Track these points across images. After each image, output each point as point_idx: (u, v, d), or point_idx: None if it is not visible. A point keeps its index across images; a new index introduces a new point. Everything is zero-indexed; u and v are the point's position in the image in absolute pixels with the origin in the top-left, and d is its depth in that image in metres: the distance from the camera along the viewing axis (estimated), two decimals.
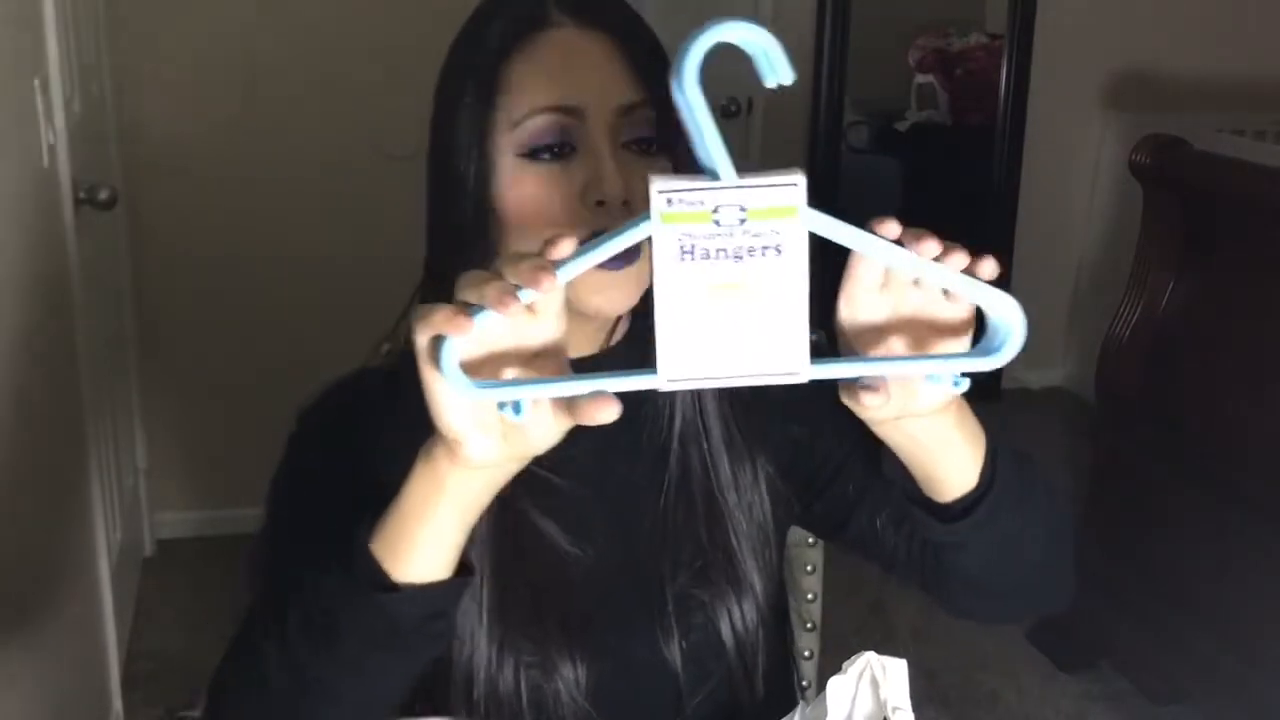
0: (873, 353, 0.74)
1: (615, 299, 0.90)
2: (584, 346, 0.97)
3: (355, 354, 1.02)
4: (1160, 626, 2.41)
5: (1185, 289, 2.41)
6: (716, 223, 0.64)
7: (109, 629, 2.31)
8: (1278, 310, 2.23)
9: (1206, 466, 2.33)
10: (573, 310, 0.90)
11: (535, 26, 0.91)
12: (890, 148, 4.65)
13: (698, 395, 0.98)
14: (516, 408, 0.69)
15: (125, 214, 2.81)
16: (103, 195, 2.21)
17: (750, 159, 3.68)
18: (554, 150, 0.89)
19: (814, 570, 1.31)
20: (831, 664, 0.80)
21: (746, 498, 1.00)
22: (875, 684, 0.76)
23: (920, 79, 4.63)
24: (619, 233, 0.66)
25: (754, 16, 3.47)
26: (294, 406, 1.01)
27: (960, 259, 0.69)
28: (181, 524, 3.03)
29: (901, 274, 0.71)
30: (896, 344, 0.73)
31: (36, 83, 1.91)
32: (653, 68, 0.91)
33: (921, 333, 0.73)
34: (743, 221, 0.64)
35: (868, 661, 0.77)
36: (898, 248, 0.68)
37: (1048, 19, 3.92)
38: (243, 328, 3.02)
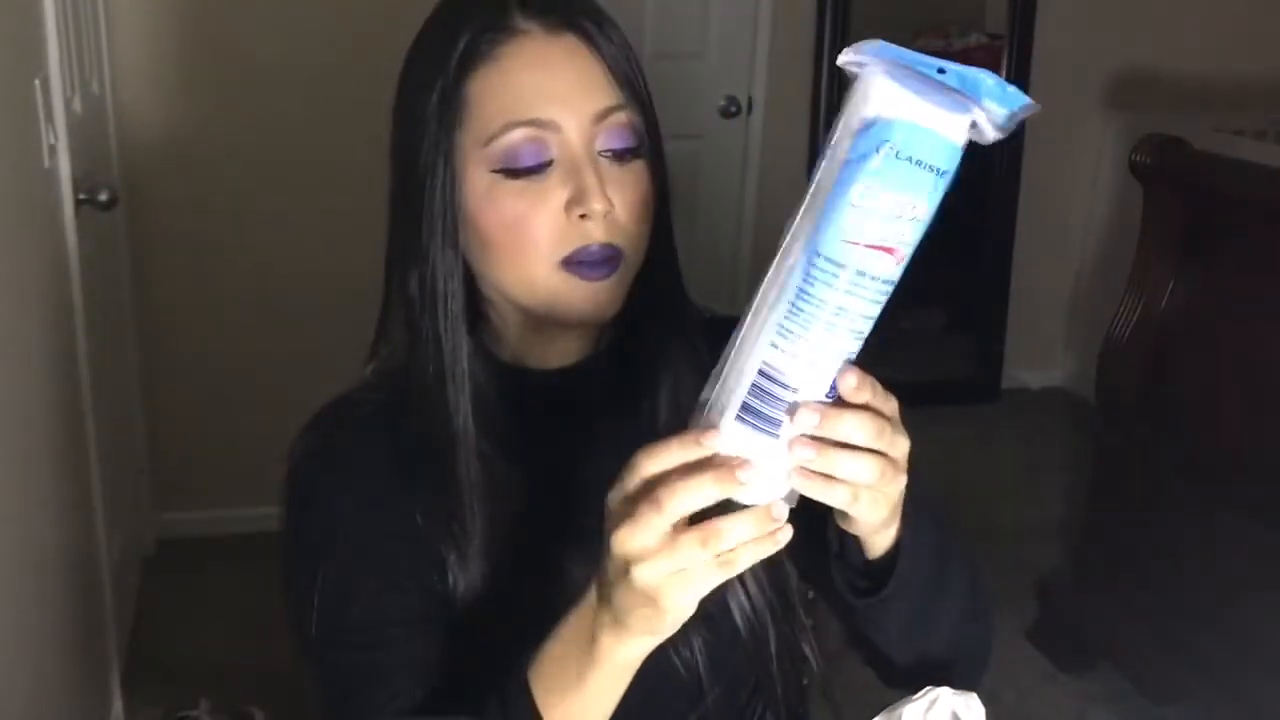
0: None
1: (601, 306, 0.88)
2: (567, 356, 0.96)
3: (354, 353, 1.02)
4: (1160, 626, 2.41)
5: (1185, 289, 2.41)
6: None
7: (110, 628, 2.32)
8: (1277, 310, 2.23)
9: (1206, 466, 2.33)
10: (556, 321, 0.91)
11: (500, 35, 0.86)
12: None
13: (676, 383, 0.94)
14: None
15: (125, 214, 2.81)
16: (103, 195, 2.21)
17: (750, 159, 3.67)
18: (531, 169, 0.85)
19: None
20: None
21: None
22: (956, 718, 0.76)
23: None
24: None
25: (753, 16, 3.43)
26: (294, 406, 1.01)
27: None
28: (183, 524, 3.02)
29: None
30: None
31: (37, 83, 1.91)
32: (628, 67, 0.88)
33: None
34: None
35: (939, 696, 0.77)
36: None
37: (1048, 19, 3.91)
38: (243, 327, 3.02)
